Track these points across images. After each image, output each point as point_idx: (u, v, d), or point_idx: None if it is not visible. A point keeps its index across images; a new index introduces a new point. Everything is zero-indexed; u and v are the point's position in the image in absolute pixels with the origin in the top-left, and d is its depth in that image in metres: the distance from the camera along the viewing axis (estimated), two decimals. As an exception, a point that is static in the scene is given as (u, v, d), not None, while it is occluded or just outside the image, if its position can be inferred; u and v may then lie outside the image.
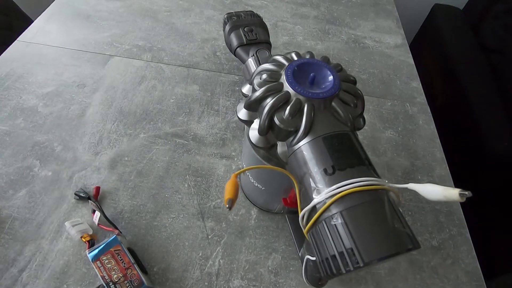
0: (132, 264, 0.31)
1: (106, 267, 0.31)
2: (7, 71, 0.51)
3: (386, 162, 0.48)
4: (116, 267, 0.31)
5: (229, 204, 0.22)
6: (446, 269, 0.39)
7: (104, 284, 0.30)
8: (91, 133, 0.45)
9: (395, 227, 0.19)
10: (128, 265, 0.31)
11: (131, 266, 0.31)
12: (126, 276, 0.31)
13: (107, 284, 0.30)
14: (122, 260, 0.31)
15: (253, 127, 0.28)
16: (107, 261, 0.31)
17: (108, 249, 0.31)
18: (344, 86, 0.26)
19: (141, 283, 0.31)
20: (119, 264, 0.31)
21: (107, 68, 0.53)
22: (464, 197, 0.19)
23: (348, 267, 0.19)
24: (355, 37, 0.67)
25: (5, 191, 0.39)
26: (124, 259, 0.31)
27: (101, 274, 0.30)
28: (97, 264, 0.31)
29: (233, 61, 0.57)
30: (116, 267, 0.31)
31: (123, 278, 0.30)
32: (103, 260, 0.31)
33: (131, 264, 0.31)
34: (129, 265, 0.31)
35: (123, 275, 0.31)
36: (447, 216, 0.43)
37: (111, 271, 0.31)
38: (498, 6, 0.94)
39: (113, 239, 0.32)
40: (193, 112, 0.50)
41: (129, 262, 0.31)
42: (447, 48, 0.92)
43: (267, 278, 0.36)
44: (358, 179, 0.21)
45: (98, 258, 0.31)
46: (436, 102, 0.87)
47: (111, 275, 0.30)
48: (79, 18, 0.61)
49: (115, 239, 0.32)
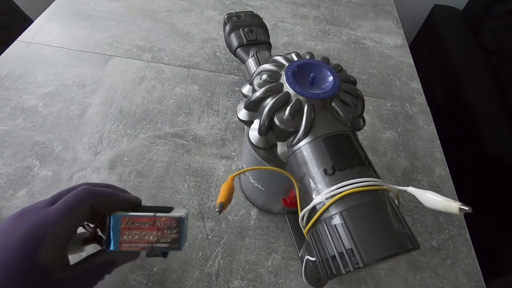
0: (154, 216, 0.27)
1: (135, 241, 0.26)
2: (7, 71, 0.51)
3: (386, 163, 0.48)
4: (144, 232, 0.26)
5: (219, 208, 0.22)
6: (446, 269, 0.39)
7: (149, 251, 0.27)
8: (91, 133, 0.45)
9: (395, 228, 0.19)
10: (151, 220, 0.27)
11: (155, 219, 0.27)
12: (159, 228, 0.26)
13: (153, 249, 0.26)
14: (141, 223, 0.27)
15: (253, 127, 0.28)
16: (130, 236, 0.26)
17: (119, 228, 0.26)
18: (344, 86, 0.26)
19: (178, 220, 0.26)
20: (143, 229, 0.26)
21: (107, 68, 0.53)
22: (463, 211, 0.19)
23: (348, 267, 0.19)
24: (355, 38, 0.67)
25: (5, 191, 0.39)
26: (143, 220, 0.27)
27: (138, 248, 0.26)
28: (125, 247, 0.26)
29: (233, 61, 0.58)
30: (143, 232, 0.26)
31: (160, 233, 0.26)
32: (126, 240, 0.26)
33: (153, 217, 0.27)
34: (152, 219, 0.27)
35: (156, 231, 0.26)
36: (447, 216, 0.43)
37: (143, 238, 0.26)
38: (498, 6, 0.94)
39: (115, 219, 0.27)
40: (193, 112, 0.50)
41: (150, 218, 0.27)
42: (447, 48, 0.92)
43: (266, 278, 0.36)
44: (358, 180, 0.21)
45: (120, 244, 0.26)
46: (436, 102, 0.87)
47: (147, 241, 0.26)
48: (79, 18, 0.61)
49: (116, 217, 0.27)
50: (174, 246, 0.26)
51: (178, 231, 0.26)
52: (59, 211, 0.23)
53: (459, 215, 0.19)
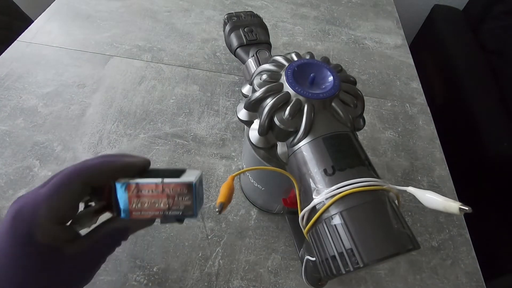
0: (162, 183, 0.25)
1: (145, 209, 0.24)
2: (7, 71, 0.51)
3: (386, 163, 0.48)
4: (153, 199, 0.24)
5: (219, 208, 0.22)
6: (446, 269, 0.39)
7: (163, 219, 0.25)
8: (91, 133, 0.45)
9: (395, 228, 0.19)
10: (159, 188, 0.24)
11: (163, 186, 0.24)
12: (169, 196, 0.24)
13: (166, 217, 0.24)
14: (150, 190, 0.25)
15: (253, 127, 0.28)
16: (139, 204, 0.24)
17: (126, 196, 0.24)
18: (344, 86, 0.26)
19: (189, 186, 0.24)
20: (153, 196, 0.24)
21: (107, 68, 0.53)
22: (463, 211, 0.19)
23: (348, 267, 0.19)
24: (355, 38, 0.67)
25: (5, 191, 0.39)
26: (150, 188, 0.24)
27: (150, 216, 0.24)
28: (136, 215, 0.24)
29: (233, 61, 0.57)
30: (153, 200, 0.24)
31: (171, 200, 0.24)
32: (135, 208, 0.24)
33: (162, 184, 0.25)
34: (160, 187, 0.24)
35: (166, 198, 0.24)
36: (446, 216, 0.43)
37: (154, 206, 0.24)
38: (498, 7, 0.94)
39: (119, 186, 0.24)
40: (193, 112, 0.50)
41: (158, 185, 0.24)
42: (447, 48, 0.92)
43: (266, 278, 0.36)
44: (358, 180, 0.21)
45: (130, 212, 0.24)
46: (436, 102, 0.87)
47: (158, 209, 0.24)
48: (79, 18, 0.61)
49: (120, 185, 0.25)
50: (188, 213, 0.24)
51: (190, 197, 0.24)
52: (48, 191, 0.22)
53: (459, 215, 0.19)
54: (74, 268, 0.22)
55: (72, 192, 0.23)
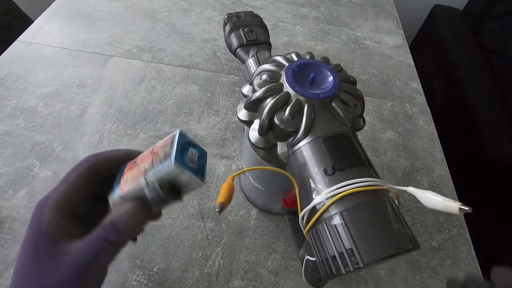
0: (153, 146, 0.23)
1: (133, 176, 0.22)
2: (7, 71, 0.51)
3: (386, 163, 0.48)
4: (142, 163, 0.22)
5: (219, 208, 0.22)
6: (446, 269, 0.39)
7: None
8: (91, 133, 0.45)
9: (395, 228, 0.19)
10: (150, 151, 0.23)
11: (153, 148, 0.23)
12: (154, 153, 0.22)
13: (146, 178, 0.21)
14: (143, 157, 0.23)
15: (253, 127, 0.28)
16: (129, 176, 0.22)
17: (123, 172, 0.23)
18: (344, 86, 0.26)
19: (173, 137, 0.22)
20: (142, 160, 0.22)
21: (107, 68, 0.53)
22: (463, 212, 0.19)
23: (348, 267, 0.19)
24: (355, 38, 0.67)
25: (5, 191, 0.39)
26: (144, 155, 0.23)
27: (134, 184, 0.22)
28: (124, 189, 0.22)
29: (233, 61, 0.57)
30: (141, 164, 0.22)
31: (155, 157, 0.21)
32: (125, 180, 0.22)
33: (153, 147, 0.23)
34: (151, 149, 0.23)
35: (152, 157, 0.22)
36: (447, 216, 0.43)
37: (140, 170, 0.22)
38: (498, 7, 0.94)
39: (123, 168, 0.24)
40: (193, 112, 0.50)
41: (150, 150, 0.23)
42: (447, 48, 0.92)
43: (266, 278, 0.36)
44: (358, 180, 0.21)
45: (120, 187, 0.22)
46: (436, 102, 0.87)
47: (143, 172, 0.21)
48: (79, 18, 0.61)
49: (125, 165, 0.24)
50: (167, 163, 0.20)
51: (171, 146, 0.21)
52: (61, 180, 0.23)
53: (459, 215, 0.19)
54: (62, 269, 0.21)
55: (80, 178, 0.23)
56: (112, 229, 0.21)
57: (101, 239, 0.21)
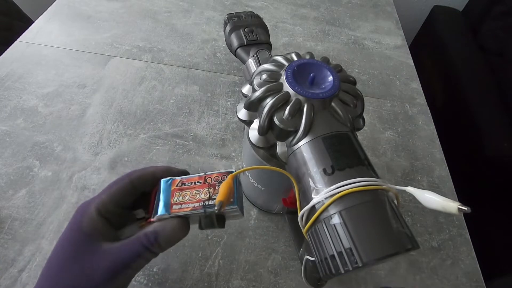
0: (205, 174, 0.25)
1: (186, 202, 0.24)
2: (7, 72, 0.51)
3: (385, 163, 0.48)
4: (194, 190, 0.24)
5: (218, 206, 0.22)
6: (446, 269, 0.39)
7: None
8: (91, 134, 0.45)
9: (394, 227, 0.19)
10: (202, 179, 0.25)
11: (205, 176, 0.25)
12: (210, 185, 0.25)
13: (206, 207, 0.24)
14: (193, 182, 0.25)
15: (253, 127, 0.28)
16: (181, 197, 0.25)
17: (170, 191, 0.25)
18: (344, 86, 0.26)
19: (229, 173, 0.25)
20: (194, 188, 0.25)
21: (107, 69, 0.53)
22: (462, 212, 0.19)
23: (347, 267, 0.19)
24: (355, 38, 0.67)
25: (5, 191, 0.39)
26: (193, 180, 0.25)
27: (190, 209, 0.24)
28: (176, 209, 0.24)
29: (233, 61, 0.58)
30: (194, 191, 0.24)
31: (211, 189, 0.24)
32: (176, 202, 0.24)
33: (204, 175, 0.25)
34: (203, 177, 0.25)
35: (207, 187, 0.25)
36: (446, 216, 0.43)
37: (195, 198, 0.24)
38: (497, 7, 0.94)
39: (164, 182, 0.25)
40: (193, 112, 0.50)
41: (201, 177, 0.25)
42: (447, 49, 0.92)
43: (266, 278, 0.36)
44: (357, 179, 0.21)
45: (170, 206, 0.24)
46: (436, 103, 0.87)
47: (199, 200, 0.24)
48: (79, 18, 0.61)
49: (166, 181, 0.26)
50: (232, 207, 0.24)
51: (233, 190, 0.24)
52: (104, 189, 0.26)
53: (458, 215, 0.19)
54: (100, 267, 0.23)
55: (121, 188, 0.25)
56: (153, 237, 0.23)
57: (141, 244, 0.23)
